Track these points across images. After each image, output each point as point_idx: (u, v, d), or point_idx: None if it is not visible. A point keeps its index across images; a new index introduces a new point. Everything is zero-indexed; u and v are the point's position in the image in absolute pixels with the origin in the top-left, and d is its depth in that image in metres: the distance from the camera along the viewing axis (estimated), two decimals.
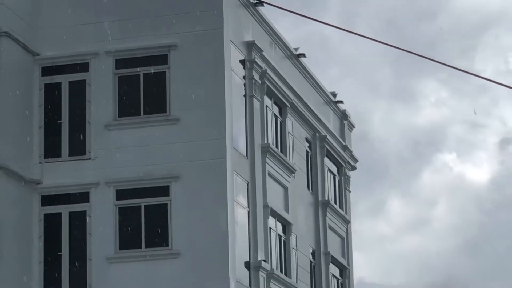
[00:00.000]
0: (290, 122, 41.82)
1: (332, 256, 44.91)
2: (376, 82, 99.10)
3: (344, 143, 47.84)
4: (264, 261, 37.44)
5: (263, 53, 38.79)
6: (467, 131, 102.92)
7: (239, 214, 36.56)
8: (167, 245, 35.60)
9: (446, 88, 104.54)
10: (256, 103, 38.35)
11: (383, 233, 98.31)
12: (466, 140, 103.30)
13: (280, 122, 41.04)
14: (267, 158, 38.83)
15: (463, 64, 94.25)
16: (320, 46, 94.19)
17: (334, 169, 46.88)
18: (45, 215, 36.49)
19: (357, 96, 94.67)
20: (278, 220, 39.72)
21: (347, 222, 47.48)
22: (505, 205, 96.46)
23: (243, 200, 37.08)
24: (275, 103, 40.51)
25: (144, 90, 36.69)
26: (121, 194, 36.18)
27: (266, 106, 39.38)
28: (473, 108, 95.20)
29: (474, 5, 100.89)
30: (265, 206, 38.34)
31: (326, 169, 45.46)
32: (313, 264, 43.27)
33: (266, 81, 39.09)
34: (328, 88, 46.67)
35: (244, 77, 37.85)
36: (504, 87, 18.42)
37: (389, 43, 17.72)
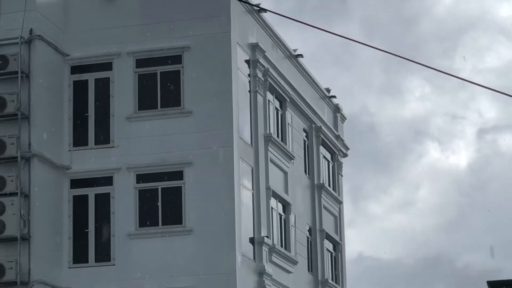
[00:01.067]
0: (290, 114, 41.67)
1: (326, 233, 44.75)
2: (368, 80, 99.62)
3: (337, 133, 47.70)
4: (267, 237, 37.43)
5: (266, 54, 38.74)
6: (448, 122, 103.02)
7: (244, 195, 36.48)
8: (181, 223, 35.62)
9: (429, 85, 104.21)
10: (260, 98, 38.23)
11: (374, 213, 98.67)
12: (447, 130, 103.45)
13: (281, 115, 40.92)
14: (269, 146, 38.73)
15: (444, 63, 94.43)
16: (321, 47, 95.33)
17: (328, 156, 46.69)
18: (74, 196, 36.46)
19: (351, 91, 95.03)
20: (278, 201, 39.60)
21: (339, 202, 47.38)
22: (480, 187, 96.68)
23: (248, 183, 37.03)
24: (276, 98, 40.36)
25: (160, 86, 36.61)
26: (140, 178, 36.12)
27: (268, 101, 39.24)
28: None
29: (453, 11, 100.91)
30: (268, 188, 38.24)
31: (321, 156, 45.26)
32: (309, 239, 43.09)
33: (268, 79, 38.99)
34: (324, 85, 46.66)
35: (249, 75, 37.78)
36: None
37: (379, 48, 17.48)
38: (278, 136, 40.05)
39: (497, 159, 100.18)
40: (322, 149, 45.42)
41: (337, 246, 46.49)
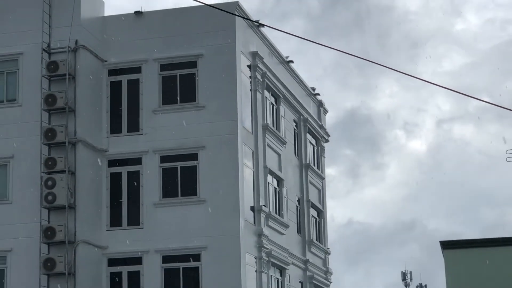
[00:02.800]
0: (282, 108, 41.63)
1: (312, 202, 44.76)
2: (348, 80, 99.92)
3: (320, 123, 47.72)
4: (264, 206, 37.39)
5: (263, 60, 38.61)
6: (412, 114, 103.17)
7: (246, 173, 36.47)
8: (196, 195, 35.60)
9: (397, 84, 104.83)
10: (259, 95, 38.19)
11: (352, 187, 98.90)
12: (411, 121, 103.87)
13: (276, 109, 40.91)
14: (266, 134, 38.74)
15: (410, 67, 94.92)
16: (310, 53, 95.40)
17: (313, 141, 46.64)
18: (111, 173, 36.43)
19: (333, 89, 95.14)
20: (274, 177, 39.60)
21: (322, 178, 47.42)
22: (436, 167, 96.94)
23: (249, 163, 36.97)
24: (272, 95, 40.37)
25: (179, 86, 36.46)
26: (164, 159, 36.09)
27: (266, 97, 39.24)
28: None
29: (418, 25, 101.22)
30: (265, 167, 38.18)
31: (307, 142, 45.24)
32: (298, 208, 43.09)
33: (266, 80, 38.96)
34: (310, 85, 46.67)
35: (250, 77, 37.63)
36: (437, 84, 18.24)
37: (357, 55, 17.49)
38: (273, 126, 40.00)
39: (450, 143, 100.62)
40: (308, 136, 45.36)
41: (320, 213, 46.48)
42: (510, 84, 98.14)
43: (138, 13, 36.98)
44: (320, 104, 48.16)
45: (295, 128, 43.75)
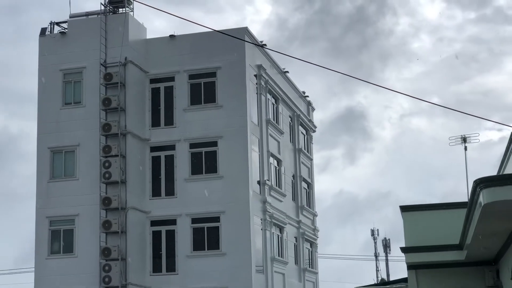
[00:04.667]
0: (281, 107, 41.62)
1: (303, 178, 44.69)
2: (331, 87, 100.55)
3: (309, 118, 47.45)
4: (267, 180, 37.64)
5: (266, 71, 38.72)
6: (381, 111, 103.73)
7: (253, 155, 36.52)
8: (216, 172, 35.72)
9: (371, 90, 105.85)
10: (262, 97, 38.31)
11: (336, 166, 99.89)
12: (381, 116, 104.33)
13: (275, 107, 40.92)
14: (268, 126, 38.87)
15: (380, 75, 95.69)
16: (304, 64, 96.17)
17: (304, 132, 46.37)
18: (152, 156, 36.46)
19: (320, 93, 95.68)
20: (274, 159, 39.69)
21: (310, 159, 47.10)
22: (399, 151, 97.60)
23: (256, 148, 37.03)
24: (272, 97, 40.37)
25: (203, 90, 36.46)
26: (192, 146, 36.14)
27: (268, 99, 39.29)
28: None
29: (384, 43, 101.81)
30: (268, 151, 38.36)
31: (299, 132, 45.10)
32: (293, 181, 43.04)
33: (268, 86, 39.12)
34: (301, 89, 46.49)
35: (256, 83, 37.72)
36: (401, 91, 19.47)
37: (340, 71, 18.74)
38: (274, 120, 40.03)
39: (409, 133, 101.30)
40: (300, 128, 45.14)
41: (309, 185, 46.21)
42: (454, 88, 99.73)
43: (172, 36, 36.96)
44: (309, 104, 47.79)
45: (290, 121, 43.66)
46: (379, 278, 66.48)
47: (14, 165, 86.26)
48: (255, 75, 37.77)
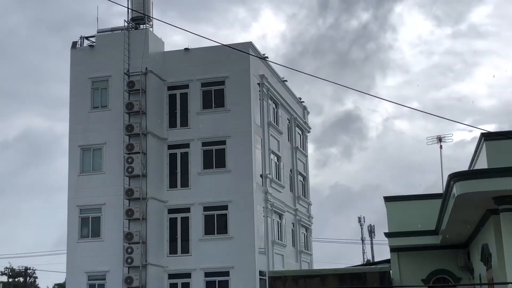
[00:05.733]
0: (280, 111, 41.28)
1: (299, 172, 44.44)
2: (324, 94, 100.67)
3: (304, 120, 47.12)
4: (268, 174, 37.38)
5: (268, 80, 38.56)
6: (369, 114, 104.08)
7: (257, 153, 36.37)
8: (225, 167, 35.53)
9: (359, 98, 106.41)
10: (264, 102, 38.09)
11: (327, 161, 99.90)
12: (367, 119, 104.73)
13: (276, 111, 40.60)
14: (269, 127, 38.64)
15: (366, 83, 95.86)
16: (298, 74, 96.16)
17: (300, 132, 46.06)
18: (169, 154, 36.28)
19: (315, 99, 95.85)
20: (274, 155, 39.37)
21: (305, 156, 46.70)
22: (384, 148, 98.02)
23: (259, 146, 36.82)
24: (273, 102, 40.13)
25: (214, 97, 36.34)
26: (204, 144, 35.97)
27: (269, 104, 39.09)
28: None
29: (374, 56, 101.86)
30: (269, 149, 38.12)
31: (296, 132, 44.77)
32: (290, 175, 42.66)
33: (269, 93, 38.89)
34: (298, 95, 46.18)
35: (259, 91, 37.52)
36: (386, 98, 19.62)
37: (335, 82, 18.84)
38: (274, 122, 39.79)
39: (391, 133, 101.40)
40: (297, 129, 44.90)
41: (305, 178, 45.90)
42: (432, 95, 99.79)
43: (186, 49, 36.87)
44: (304, 108, 47.75)
45: (288, 123, 43.38)
46: (365, 260, 66.58)
47: (55, 161, 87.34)
48: (258, 84, 37.61)
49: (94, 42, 37.31)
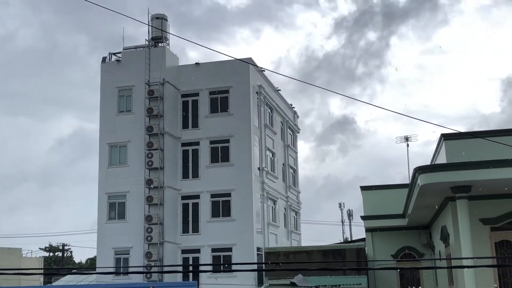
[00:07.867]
0: (275, 115, 41.07)
1: (290, 165, 44.15)
2: (312, 100, 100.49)
3: (295, 123, 46.88)
4: (265, 167, 37.16)
5: (264, 89, 38.18)
6: (363, 118, 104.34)
7: (255, 149, 35.95)
8: (228, 161, 35.12)
9: (351, 104, 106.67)
10: (262, 108, 37.65)
11: (310, 157, 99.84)
12: (362, 120, 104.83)
13: (271, 115, 40.18)
14: (266, 129, 38.36)
15: (357, 91, 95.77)
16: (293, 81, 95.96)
17: (290, 133, 45.65)
18: (183, 150, 35.80)
19: (304, 105, 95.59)
20: (270, 152, 38.97)
21: (295, 152, 46.41)
22: (364, 146, 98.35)
23: (257, 144, 36.44)
24: (269, 108, 39.95)
25: (220, 103, 35.96)
26: (211, 142, 35.62)
27: (266, 109, 38.62)
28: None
29: (368, 69, 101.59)
30: (265, 146, 37.79)
31: (288, 133, 44.45)
32: (283, 168, 42.09)
33: (266, 100, 38.73)
34: (289, 101, 45.99)
35: (257, 98, 37.05)
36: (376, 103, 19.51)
37: (330, 89, 18.66)
38: (270, 124, 39.39)
39: (370, 134, 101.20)
40: (288, 130, 44.58)
41: (295, 171, 45.66)
42: (404, 100, 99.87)
43: (197, 63, 36.56)
44: (295, 112, 47.43)
45: (281, 125, 43.04)
46: (344, 238, 66.68)
47: (95, 157, 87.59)
48: (257, 92, 37.27)
49: (121, 57, 37.35)
